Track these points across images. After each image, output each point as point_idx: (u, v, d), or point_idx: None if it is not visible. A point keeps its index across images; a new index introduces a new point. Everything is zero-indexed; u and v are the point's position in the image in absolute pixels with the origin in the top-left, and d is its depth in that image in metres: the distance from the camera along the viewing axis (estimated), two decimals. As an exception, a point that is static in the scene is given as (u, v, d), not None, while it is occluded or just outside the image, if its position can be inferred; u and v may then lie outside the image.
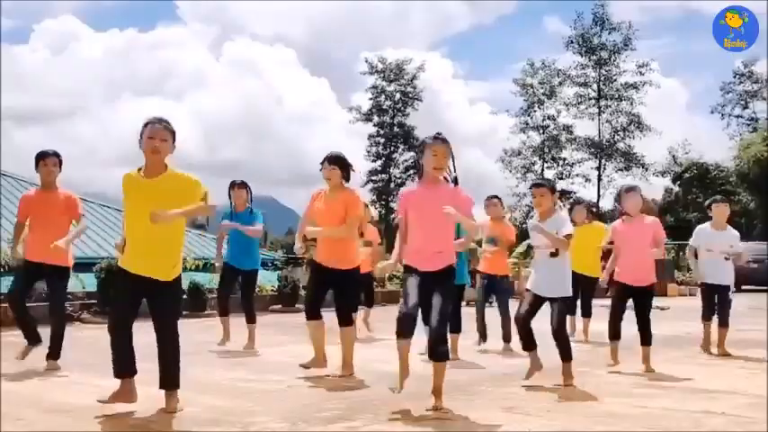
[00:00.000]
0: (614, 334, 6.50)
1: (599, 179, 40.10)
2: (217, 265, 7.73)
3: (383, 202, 41.33)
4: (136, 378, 4.42)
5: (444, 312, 4.53)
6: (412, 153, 42.66)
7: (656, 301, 7.47)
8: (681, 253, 27.17)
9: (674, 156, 41.04)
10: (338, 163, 5.78)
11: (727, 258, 7.23)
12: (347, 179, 5.86)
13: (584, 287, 8.67)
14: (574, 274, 5.96)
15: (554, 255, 5.47)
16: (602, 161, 39.91)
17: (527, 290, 5.65)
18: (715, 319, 7.40)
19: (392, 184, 41.84)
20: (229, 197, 7.51)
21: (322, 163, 5.80)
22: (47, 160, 6.10)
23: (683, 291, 19.66)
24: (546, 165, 40.97)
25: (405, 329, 4.47)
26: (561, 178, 40.77)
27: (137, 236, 4.31)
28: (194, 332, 8.26)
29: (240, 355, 7.09)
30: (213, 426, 4.08)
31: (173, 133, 4.42)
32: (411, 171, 42.51)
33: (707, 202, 7.67)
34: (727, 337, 7.33)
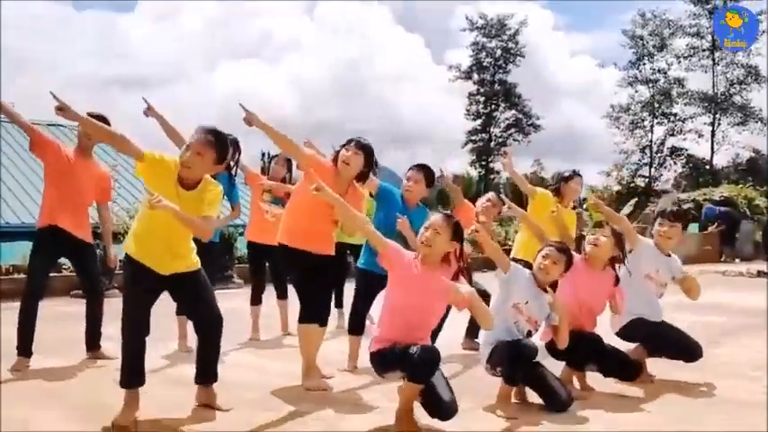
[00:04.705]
0: None
1: (712, 135, 38.14)
2: None
3: (483, 163, 40.87)
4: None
5: None
6: (513, 111, 41.90)
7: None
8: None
9: (796, 108, 38.48)
10: (366, 152, 4.62)
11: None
12: (364, 178, 4.73)
13: None
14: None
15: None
16: (717, 116, 37.87)
17: None
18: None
19: (492, 144, 41.23)
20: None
21: (345, 145, 4.65)
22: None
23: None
24: (656, 120, 39.32)
25: None
26: (672, 135, 39.13)
27: (159, 234, 3.80)
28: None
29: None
30: (324, 402, 4.21)
31: (216, 145, 3.77)
32: (512, 130, 41.84)
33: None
34: None
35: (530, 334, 4.21)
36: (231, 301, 7.47)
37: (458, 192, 5.96)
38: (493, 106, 41.63)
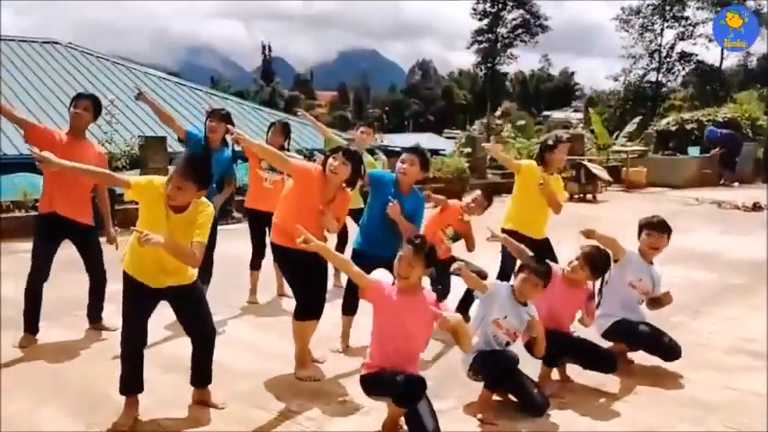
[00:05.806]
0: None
1: (724, 40, 37.30)
2: None
3: (489, 65, 40.18)
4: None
5: None
6: (521, 11, 40.74)
7: None
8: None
9: (812, 14, 37.38)
10: (354, 162, 4.69)
11: None
12: (353, 185, 4.83)
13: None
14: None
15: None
16: (729, 20, 36.92)
17: None
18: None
19: (498, 45, 40.37)
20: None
21: (333, 154, 4.67)
22: (77, 102, 5.35)
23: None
24: (666, 24, 38.34)
25: None
26: (682, 39, 38.29)
27: (151, 251, 3.82)
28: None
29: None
30: (315, 397, 4.43)
31: (196, 178, 3.79)
32: (519, 30, 40.82)
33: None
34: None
35: (508, 344, 4.37)
36: (231, 241, 7.59)
37: (442, 201, 6.17)
38: (500, 5, 40.48)
